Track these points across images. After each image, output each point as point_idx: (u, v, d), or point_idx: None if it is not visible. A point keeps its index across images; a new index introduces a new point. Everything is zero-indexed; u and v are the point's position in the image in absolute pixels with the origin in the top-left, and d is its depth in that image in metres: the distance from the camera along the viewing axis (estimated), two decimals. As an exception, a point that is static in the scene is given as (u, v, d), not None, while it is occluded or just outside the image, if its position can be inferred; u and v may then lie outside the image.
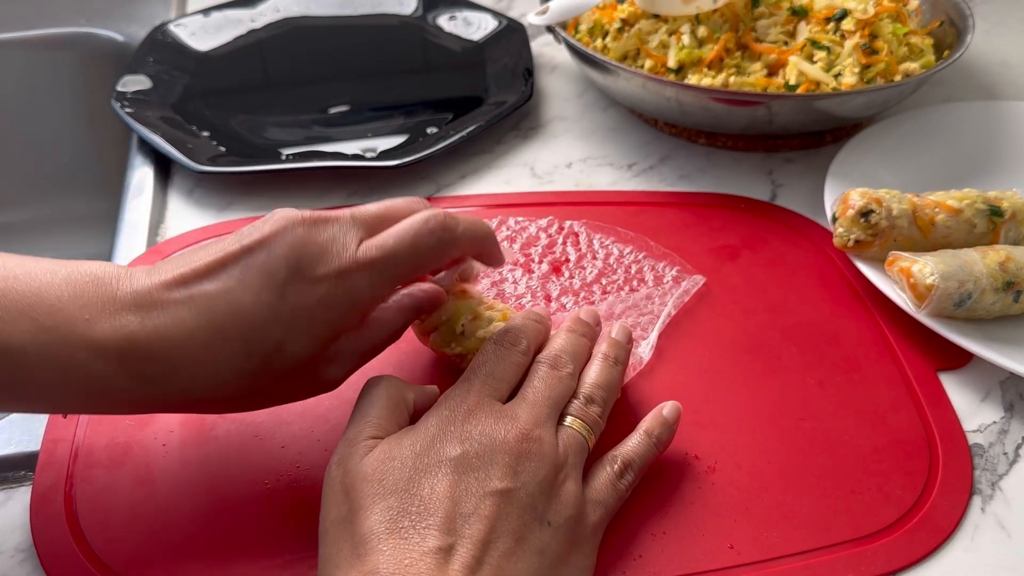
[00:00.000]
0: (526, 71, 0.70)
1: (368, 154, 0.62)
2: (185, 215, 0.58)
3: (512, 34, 0.76)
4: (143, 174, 0.60)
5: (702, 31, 0.61)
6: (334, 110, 0.69)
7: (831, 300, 0.51)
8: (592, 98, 0.72)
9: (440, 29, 0.79)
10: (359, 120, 0.68)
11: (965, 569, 0.37)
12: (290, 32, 0.79)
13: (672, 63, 0.61)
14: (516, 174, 0.62)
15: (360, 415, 0.36)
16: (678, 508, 0.39)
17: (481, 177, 0.62)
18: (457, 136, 0.62)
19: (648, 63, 0.62)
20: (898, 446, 0.42)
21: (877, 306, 0.50)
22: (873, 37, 0.60)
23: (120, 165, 0.63)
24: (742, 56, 0.62)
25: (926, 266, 0.46)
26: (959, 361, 0.47)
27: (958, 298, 0.45)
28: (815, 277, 0.52)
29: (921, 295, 0.46)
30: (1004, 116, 0.64)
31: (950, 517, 0.39)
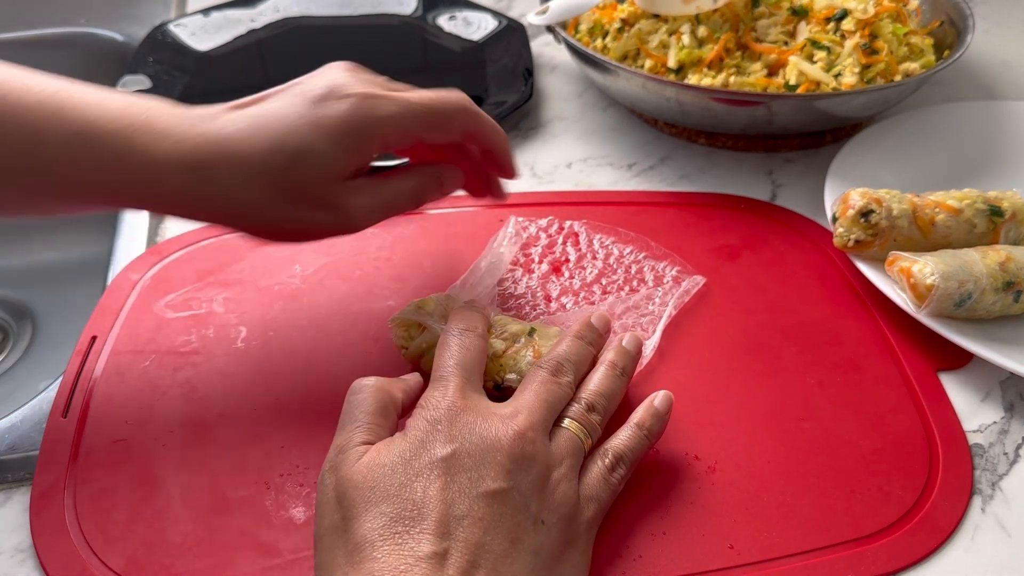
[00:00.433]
0: (526, 71, 0.70)
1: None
2: (185, 215, 0.58)
3: (512, 34, 0.76)
4: (143, 174, 0.60)
5: (702, 31, 0.61)
6: (334, 110, 0.69)
7: (831, 300, 0.51)
8: (592, 98, 0.72)
9: (440, 29, 0.79)
10: (359, 120, 0.68)
11: (965, 569, 0.37)
12: (290, 32, 0.79)
13: (672, 63, 0.61)
14: (516, 174, 0.62)
15: (349, 420, 0.36)
16: (678, 508, 0.39)
17: (481, 177, 0.62)
18: (457, 136, 0.62)
19: (648, 63, 0.62)
20: (898, 446, 0.42)
21: (877, 306, 0.50)
22: (873, 37, 0.61)
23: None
24: (742, 56, 0.62)
25: (926, 266, 0.46)
26: (959, 361, 0.47)
27: (958, 298, 0.45)
28: (815, 277, 0.52)
29: (921, 295, 0.46)
30: (1004, 116, 0.64)
31: (950, 517, 0.39)
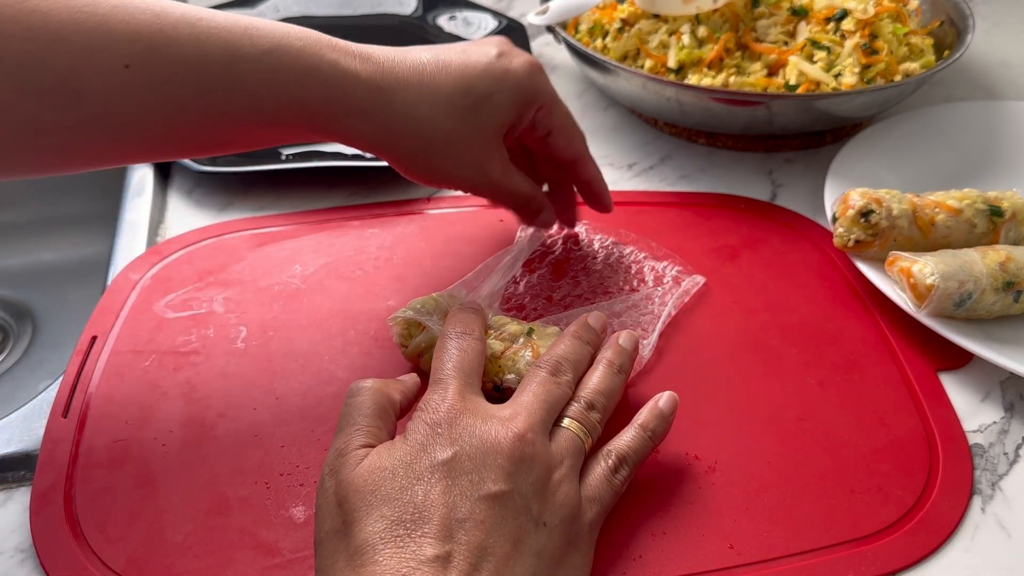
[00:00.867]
0: (526, 71, 0.70)
1: (368, 154, 0.62)
2: (185, 215, 0.58)
3: (512, 34, 0.76)
4: (143, 174, 0.60)
5: (702, 31, 0.61)
6: (334, 110, 0.69)
7: (831, 300, 0.50)
8: (592, 98, 0.72)
9: (440, 29, 0.79)
10: (359, 120, 0.68)
11: (965, 569, 0.37)
12: (290, 32, 0.79)
13: (672, 63, 0.61)
14: (516, 174, 0.62)
15: (347, 423, 0.36)
16: (678, 508, 0.39)
17: (481, 177, 0.62)
18: (457, 136, 0.62)
19: (648, 63, 0.62)
20: (898, 446, 0.42)
21: (877, 306, 0.50)
22: (873, 37, 0.60)
23: (120, 165, 0.63)
24: (742, 56, 0.62)
25: (926, 266, 0.46)
26: (959, 361, 0.47)
27: (958, 298, 0.45)
28: (815, 277, 0.52)
29: (921, 295, 0.46)
30: (1004, 116, 0.64)
31: (950, 517, 0.39)
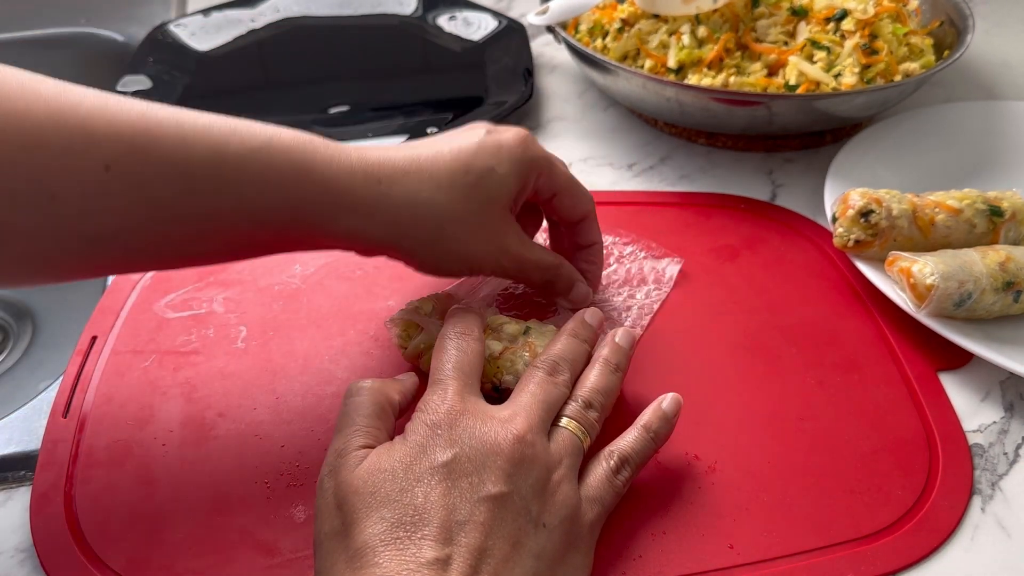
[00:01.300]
0: (526, 71, 0.70)
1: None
2: (185, 215, 0.58)
3: (512, 34, 0.76)
4: (143, 174, 0.60)
5: (702, 31, 0.61)
6: (334, 110, 0.69)
7: (831, 300, 0.50)
8: (592, 98, 0.72)
9: (440, 29, 0.79)
10: (359, 120, 0.68)
11: (965, 569, 0.37)
12: (290, 32, 0.79)
13: (672, 63, 0.61)
14: (516, 174, 0.62)
15: (346, 423, 0.36)
16: (678, 508, 0.39)
17: (481, 177, 0.62)
18: (457, 136, 0.62)
19: (648, 63, 0.62)
20: (898, 446, 0.42)
21: (877, 306, 0.50)
22: (873, 37, 0.60)
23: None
24: (742, 56, 0.62)
25: (926, 266, 0.46)
26: (959, 361, 0.47)
27: (958, 298, 0.45)
28: (815, 277, 0.52)
29: (921, 295, 0.46)
30: (1004, 116, 0.64)
31: (950, 517, 0.39)
